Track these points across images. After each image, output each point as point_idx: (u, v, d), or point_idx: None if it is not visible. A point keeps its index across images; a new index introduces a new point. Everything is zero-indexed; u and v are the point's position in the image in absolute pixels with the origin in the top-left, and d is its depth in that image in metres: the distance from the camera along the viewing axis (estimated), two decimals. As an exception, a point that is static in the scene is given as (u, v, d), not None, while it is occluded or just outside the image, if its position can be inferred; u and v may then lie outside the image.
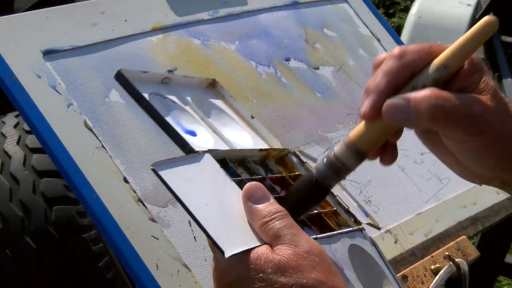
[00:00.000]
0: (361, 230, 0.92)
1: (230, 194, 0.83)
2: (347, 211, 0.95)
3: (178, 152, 0.88)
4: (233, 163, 0.91)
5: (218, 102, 1.00)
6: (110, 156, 1.00)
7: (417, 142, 1.35)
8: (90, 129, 1.01)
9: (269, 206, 0.81)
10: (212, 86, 1.02)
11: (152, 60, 1.15)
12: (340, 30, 1.44)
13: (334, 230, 0.90)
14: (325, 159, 0.80)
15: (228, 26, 1.29)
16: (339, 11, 1.47)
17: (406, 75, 0.78)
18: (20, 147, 1.85)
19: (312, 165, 0.98)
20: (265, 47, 1.31)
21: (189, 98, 0.95)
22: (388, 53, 0.79)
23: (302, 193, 0.84)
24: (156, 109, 0.87)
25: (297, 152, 1.00)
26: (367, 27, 1.48)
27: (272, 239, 0.79)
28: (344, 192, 0.97)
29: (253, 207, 0.81)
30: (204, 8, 1.27)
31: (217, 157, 0.87)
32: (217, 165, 0.85)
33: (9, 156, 1.84)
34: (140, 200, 0.98)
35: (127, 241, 0.93)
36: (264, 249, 0.78)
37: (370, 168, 1.25)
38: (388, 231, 1.19)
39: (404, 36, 3.24)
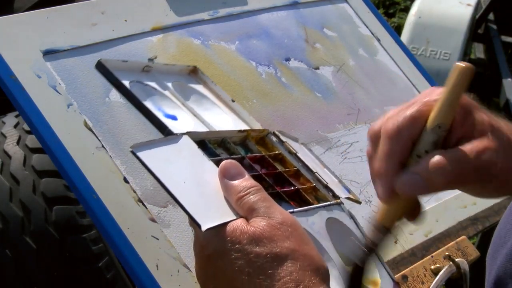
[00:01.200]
0: (339, 204, 0.94)
1: (207, 173, 0.87)
2: (326, 187, 0.97)
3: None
4: (213, 144, 0.93)
5: (200, 88, 1.01)
6: (110, 156, 1.00)
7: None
8: (90, 129, 1.01)
9: (244, 182, 0.85)
10: (194, 73, 1.02)
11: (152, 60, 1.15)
12: (340, 30, 1.44)
13: (312, 205, 0.93)
14: (363, 248, 0.83)
15: (228, 26, 1.29)
16: (339, 11, 1.47)
17: (408, 149, 0.79)
18: (20, 147, 1.85)
19: (291, 144, 1.00)
20: (265, 47, 1.31)
21: (170, 85, 0.96)
22: (383, 130, 0.80)
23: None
24: (135, 95, 0.88)
25: (277, 132, 1.01)
26: (367, 27, 1.48)
27: (247, 213, 0.83)
28: (326, 169, 0.98)
29: (229, 183, 0.85)
30: (204, 8, 1.27)
31: (196, 139, 0.89)
32: (194, 146, 0.88)
33: (9, 156, 1.84)
34: (140, 200, 0.98)
35: (127, 241, 0.93)
36: (239, 222, 0.82)
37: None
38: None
39: (404, 36, 3.24)
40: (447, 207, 1.28)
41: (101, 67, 0.89)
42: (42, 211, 1.78)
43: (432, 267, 1.17)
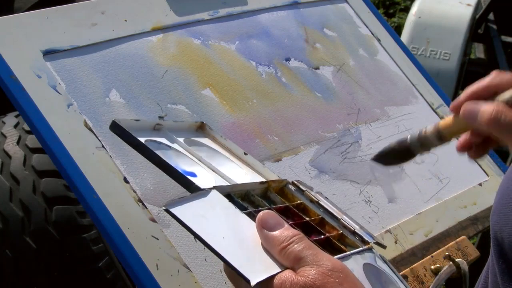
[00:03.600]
0: (371, 249, 0.94)
1: (243, 225, 0.84)
2: (354, 233, 0.96)
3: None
4: (238, 198, 0.92)
5: (210, 143, 1.01)
6: (110, 156, 1.00)
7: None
8: (90, 129, 1.01)
9: (285, 231, 0.82)
10: (201, 129, 1.03)
11: (152, 59, 1.15)
12: (340, 30, 1.44)
13: (345, 252, 0.91)
14: (418, 133, 0.96)
15: (228, 26, 1.29)
16: (339, 11, 1.47)
17: (489, 93, 0.90)
18: (20, 147, 1.85)
19: (311, 192, 1.01)
20: (265, 47, 1.31)
21: (182, 141, 0.96)
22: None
23: (394, 150, 0.99)
24: (156, 153, 0.87)
25: (295, 182, 1.01)
26: (367, 27, 1.48)
27: (293, 262, 0.80)
28: (345, 216, 0.98)
29: (269, 235, 0.82)
30: (204, 8, 1.27)
31: (222, 193, 0.88)
32: (225, 200, 0.87)
33: (9, 156, 1.84)
34: (140, 200, 0.98)
35: (127, 241, 0.93)
36: (287, 274, 0.79)
37: (370, 168, 1.25)
38: (388, 231, 1.19)
39: (404, 36, 3.24)
40: (447, 207, 1.28)
41: (116, 127, 0.89)
42: (42, 211, 1.78)
43: (432, 267, 1.17)
